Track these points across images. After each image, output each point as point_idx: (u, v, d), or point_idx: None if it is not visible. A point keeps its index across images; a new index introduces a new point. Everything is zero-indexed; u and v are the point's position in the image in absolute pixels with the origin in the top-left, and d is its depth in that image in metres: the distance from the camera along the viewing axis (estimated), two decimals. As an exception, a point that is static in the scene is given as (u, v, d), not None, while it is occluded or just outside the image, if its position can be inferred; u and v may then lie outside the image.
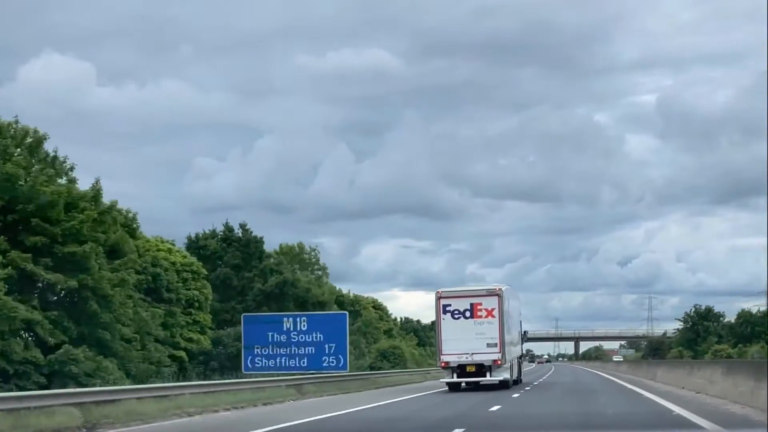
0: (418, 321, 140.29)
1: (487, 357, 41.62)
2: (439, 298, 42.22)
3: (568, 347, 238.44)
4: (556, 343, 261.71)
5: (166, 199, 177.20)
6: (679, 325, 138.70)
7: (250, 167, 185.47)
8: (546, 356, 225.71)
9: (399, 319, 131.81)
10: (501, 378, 42.20)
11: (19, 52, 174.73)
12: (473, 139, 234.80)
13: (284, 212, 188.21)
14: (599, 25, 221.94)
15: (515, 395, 39.17)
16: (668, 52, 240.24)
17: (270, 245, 76.57)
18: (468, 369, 41.99)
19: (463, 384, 43.32)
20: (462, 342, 41.69)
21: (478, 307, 41.87)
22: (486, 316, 41.77)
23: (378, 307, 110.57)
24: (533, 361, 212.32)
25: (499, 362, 41.64)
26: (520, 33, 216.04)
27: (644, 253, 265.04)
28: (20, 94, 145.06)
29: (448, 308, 42.07)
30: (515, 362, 47.42)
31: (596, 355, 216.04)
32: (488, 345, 41.72)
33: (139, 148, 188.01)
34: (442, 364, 42.18)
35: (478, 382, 43.06)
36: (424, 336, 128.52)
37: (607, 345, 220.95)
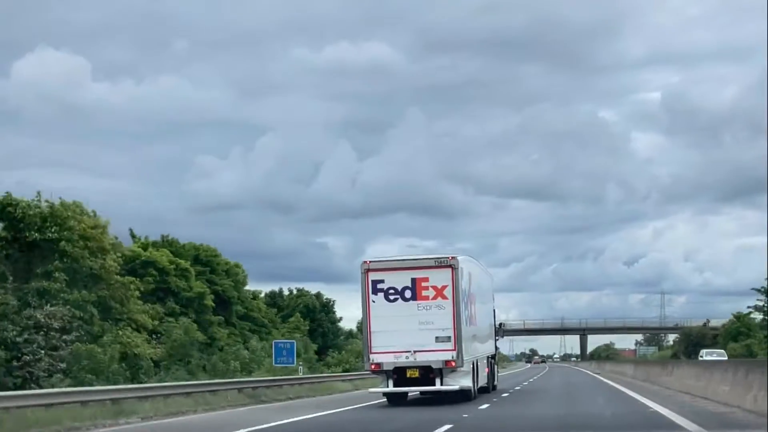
0: None
1: (435, 356, 28.16)
2: (366, 272, 28.66)
3: (574, 346, 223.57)
4: (562, 344, 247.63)
5: (166, 198, 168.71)
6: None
7: (252, 165, 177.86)
8: (539, 357, 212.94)
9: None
10: (457, 386, 28.77)
11: (13, 48, 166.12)
12: (477, 136, 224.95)
13: (287, 211, 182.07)
14: (605, 21, 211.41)
15: (482, 407, 27.50)
16: (675, 48, 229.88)
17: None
18: (409, 374, 28.52)
19: (416, 393, 30.04)
20: (400, 335, 28.26)
21: (424, 284, 28.40)
22: (434, 298, 28.34)
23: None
24: (529, 362, 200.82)
25: (454, 364, 28.20)
26: (524, 29, 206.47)
27: (651, 253, 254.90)
28: (14, 90, 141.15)
29: (380, 286, 28.57)
30: (482, 364, 34.02)
31: (607, 355, 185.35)
32: (438, 339, 28.28)
33: (138, 145, 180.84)
34: (372, 367, 28.59)
35: (423, 392, 29.81)
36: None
37: (620, 343, 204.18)
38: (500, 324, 43.03)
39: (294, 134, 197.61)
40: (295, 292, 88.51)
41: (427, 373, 28.31)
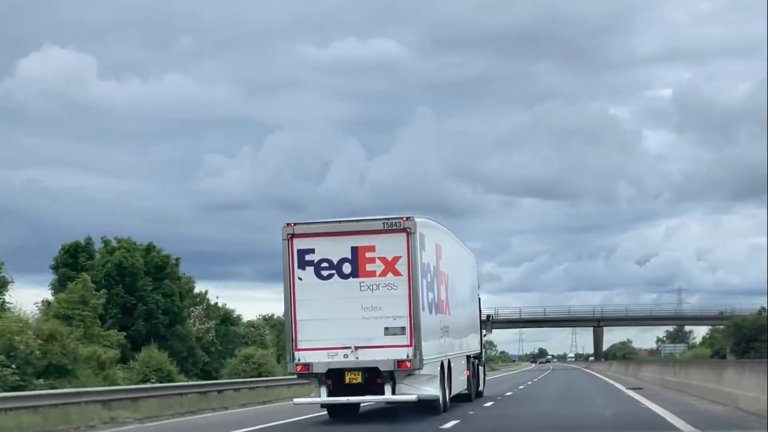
0: None
1: (384, 354, 20.04)
2: (289, 237, 20.48)
3: (586, 345, 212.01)
4: (573, 342, 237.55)
5: (174, 197, 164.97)
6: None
7: (260, 164, 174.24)
8: (543, 357, 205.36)
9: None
10: (414, 395, 20.69)
11: (19, 46, 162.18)
12: (487, 134, 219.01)
13: (295, 209, 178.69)
14: (616, 17, 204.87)
15: (447, 425, 19.81)
16: (687, 44, 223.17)
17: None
18: (348, 378, 20.44)
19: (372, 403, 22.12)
20: (336, 325, 20.20)
21: (368, 254, 20.29)
22: (383, 273, 20.20)
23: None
24: (534, 362, 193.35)
25: (409, 365, 20.19)
26: (534, 25, 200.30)
27: (663, 252, 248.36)
28: (19, 88, 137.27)
29: (308, 257, 20.49)
30: (459, 365, 25.96)
31: (624, 354, 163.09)
32: (388, 331, 20.19)
33: (144, 143, 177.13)
34: (297, 369, 20.42)
35: (372, 402, 21.79)
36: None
37: (637, 342, 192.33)
38: (488, 316, 34.96)
39: (302, 132, 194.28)
40: None
41: (374, 378, 20.30)
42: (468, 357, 28.48)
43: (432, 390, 21.40)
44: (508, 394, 35.74)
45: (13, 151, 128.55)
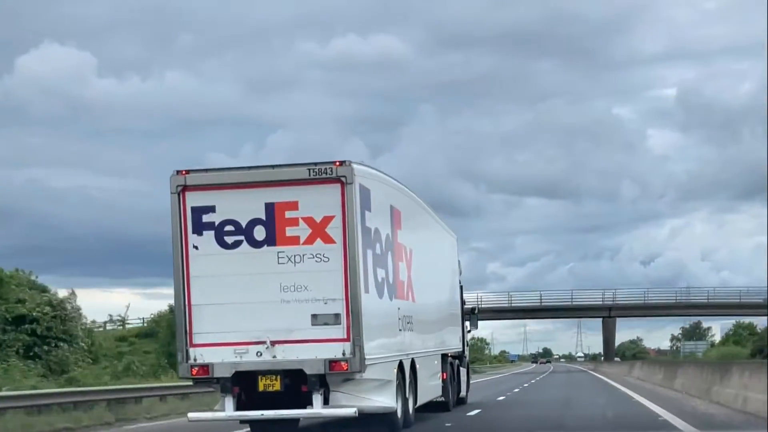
0: None
1: (311, 351, 14.25)
2: (181, 191, 14.58)
3: (593, 344, 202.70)
4: (578, 341, 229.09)
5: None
6: None
7: (263, 162, 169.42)
8: (544, 358, 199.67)
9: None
10: (353, 409, 14.73)
11: (18, 43, 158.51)
12: (490, 133, 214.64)
13: None
14: (620, 16, 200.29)
15: None
16: (691, 43, 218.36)
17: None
18: (263, 384, 14.50)
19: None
20: (244, 311, 14.36)
21: (289, 213, 14.38)
22: (309, 240, 14.33)
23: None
24: (535, 362, 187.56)
25: (346, 366, 14.45)
26: (538, 24, 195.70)
27: (667, 252, 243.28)
28: (18, 86, 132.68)
29: (207, 218, 14.47)
30: (429, 367, 20.30)
31: (634, 354, 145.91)
32: (316, 319, 14.39)
33: (145, 142, 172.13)
34: (193, 372, 14.52)
35: (289, 418, 15.59)
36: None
37: (648, 340, 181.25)
38: (473, 308, 29.20)
39: (305, 131, 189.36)
40: None
41: (297, 384, 14.56)
42: (444, 356, 22.81)
43: (383, 400, 15.66)
44: (500, 398, 29.94)
45: (12, 150, 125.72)
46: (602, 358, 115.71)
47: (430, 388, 20.48)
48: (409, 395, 17.71)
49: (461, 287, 26.50)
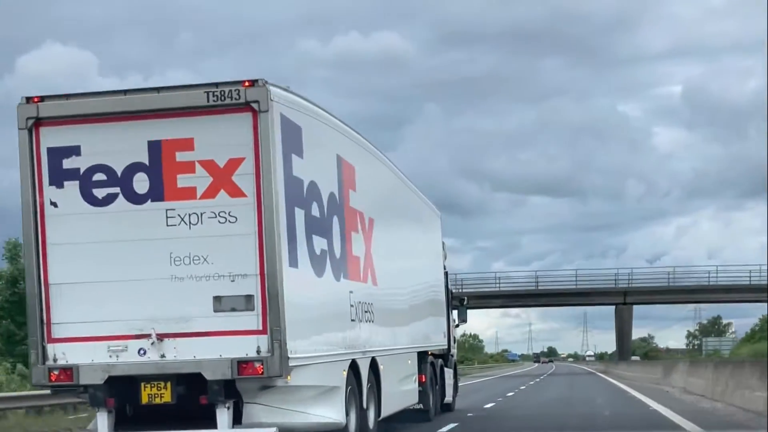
0: None
1: (212, 349, 10.04)
2: (34, 125, 10.23)
3: (600, 343, 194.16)
4: (584, 340, 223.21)
5: None
6: None
7: None
8: (548, 358, 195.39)
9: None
10: (274, 424, 10.65)
11: (19, 43, 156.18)
12: (495, 132, 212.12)
13: None
14: (625, 13, 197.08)
15: None
16: (697, 39, 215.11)
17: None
18: (147, 394, 10.56)
19: None
20: (120, 293, 10.23)
21: (181, 155, 10.21)
22: (209, 193, 10.08)
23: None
24: (537, 361, 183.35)
25: (261, 369, 10.13)
26: (543, 22, 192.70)
27: (674, 250, 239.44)
28: (19, 85, 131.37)
29: (68, 164, 10.22)
30: (399, 369, 16.20)
31: (645, 353, 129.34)
32: (220, 303, 10.21)
33: None
34: (52, 377, 10.26)
35: None
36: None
37: (659, 338, 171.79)
38: (462, 299, 25.00)
39: None
40: None
41: (195, 394, 10.44)
42: (423, 355, 18.72)
43: (324, 413, 11.49)
44: (489, 405, 25.72)
45: (12, 150, 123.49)
46: (615, 356, 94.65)
47: (401, 394, 16.35)
48: (368, 404, 13.61)
49: (446, 274, 22.38)
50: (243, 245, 10.06)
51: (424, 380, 18.75)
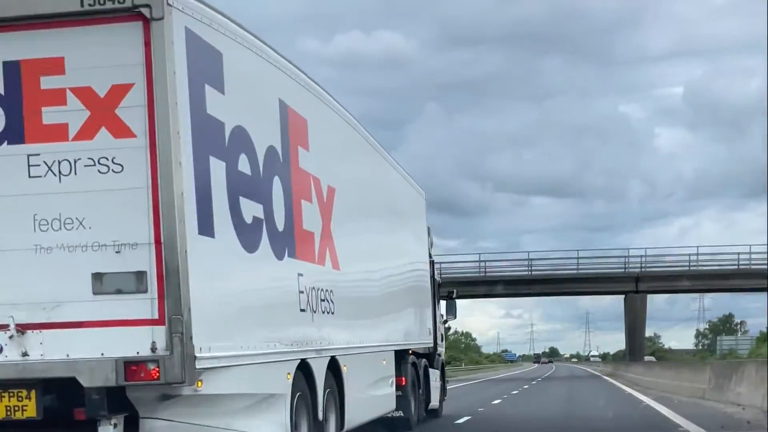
0: None
1: (92, 345, 7.27)
2: None
3: (602, 344, 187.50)
4: (587, 341, 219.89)
5: None
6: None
7: None
8: (545, 357, 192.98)
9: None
10: None
11: None
12: (497, 132, 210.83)
13: None
14: (627, 13, 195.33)
15: None
16: (699, 40, 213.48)
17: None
18: (5, 405, 7.88)
19: None
20: None
21: (47, 80, 7.30)
22: (84, 133, 7.26)
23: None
24: (537, 362, 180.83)
25: (156, 372, 7.30)
26: (545, 22, 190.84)
27: (676, 251, 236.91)
28: None
29: None
30: (378, 370, 13.63)
31: (654, 351, 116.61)
32: (101, 283, 7.36)
33: None
34: None
35: None
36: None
37: (667, 338, 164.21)
38: (451, 292, 22.24)
39: None
40: None
41: (68, 405, 7.75)
42: (403, 354, 16.05)
43: (259, 429, 8.80)
44: (481, 410, 22.95)
45: None
46: (624, 356, 79.25)
47: (373, 400, 13.65)
48: (326, 415, 10.95)
49: (432, 263, 19.66)
50: (131, 203, 7.33)
51: (404, 383, 16.12)
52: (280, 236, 9.61)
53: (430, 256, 19.47)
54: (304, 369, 10.22)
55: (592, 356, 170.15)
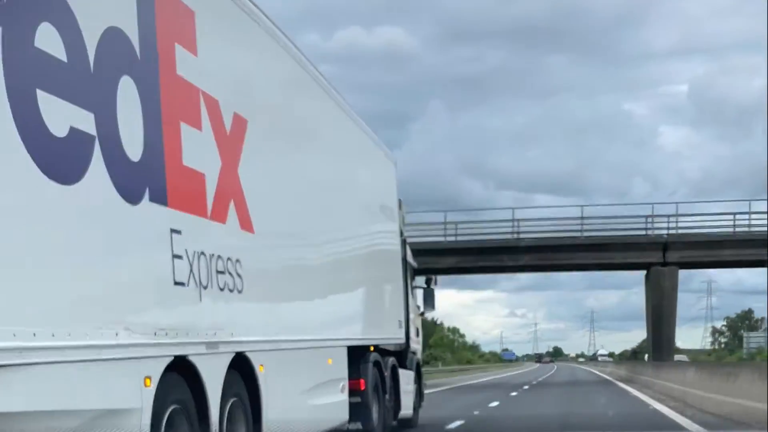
0: None
1: None
2: None
3: (607, 344, 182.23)
4: (591, 340, 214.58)
5: None
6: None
7: None
8: (547, 357, 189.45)
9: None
10: None
11: None
12: (500, 129, 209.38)
13: None
14: (632, 10, 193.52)
15: None
16: (704, 37, 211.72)
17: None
18: None
19: None
20: None
21: None
22: None
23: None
24: (539, 361, 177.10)
25: None
26: (550, 18, 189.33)
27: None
28: None
29: None
30: (317, 371, 10.30)
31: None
32: None
33: None
34: None
35: None
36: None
37: (683, 336, 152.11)
38: (429, 279, 18.77)
39: None
40: None
41: None
42: (362, 352, 12.69)
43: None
44: (453, 426, 19.12)
45: None
46: (645, 355, 61.50)
47: (311, 411, 10.28)
48: (229, 434, 7.55)
49: (404, 242, 16.29)
50: None
51: (362, 387, 12.74)
52: (133, 168, 6.25)
53: (402, 234, 16.10)
54: (183, 370, 6.88)
55: (600, 355, 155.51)
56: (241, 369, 8.16)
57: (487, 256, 45.61)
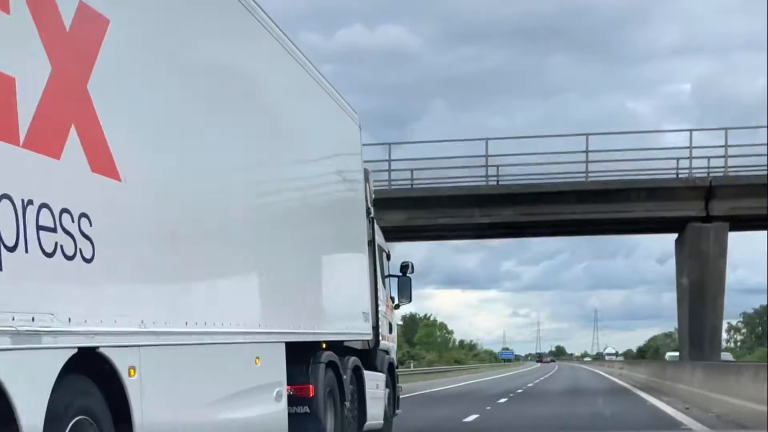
0: None
1: None
2: None
3: (610, 343, 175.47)
4: (595, 339, 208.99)
5: None
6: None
7: None
8: (548, 357, 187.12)
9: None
10: None
11: None
12: (502, 129, 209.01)
13: None
14: (635, 8, 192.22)
15: None
16: (707, 36, 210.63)
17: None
18: None
19: None
20: None
21: None
22: None
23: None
24: (539, 361, 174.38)
25: None
26: (552, 17, 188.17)
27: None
28: None
29: None
30: (222, 371, 7.65)
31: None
32: None
33: None
34: None
35: None
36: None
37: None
38: (405, 265, 16.11)
39: None
40: None
41: None
42: (311, 350, 10.08)
43: None
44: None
45: None
46: (674, 354, 52.05)
47: (223, 427, 7.64)
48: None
49: (372, 219, 13.66)
50: None
51: (311, 394, 10.15)
52: None
53: (370, 211, 13.48)
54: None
55: (608, 355, 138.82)
56: (95, 374, 5.59)
57: (454, 209, 31.14)
